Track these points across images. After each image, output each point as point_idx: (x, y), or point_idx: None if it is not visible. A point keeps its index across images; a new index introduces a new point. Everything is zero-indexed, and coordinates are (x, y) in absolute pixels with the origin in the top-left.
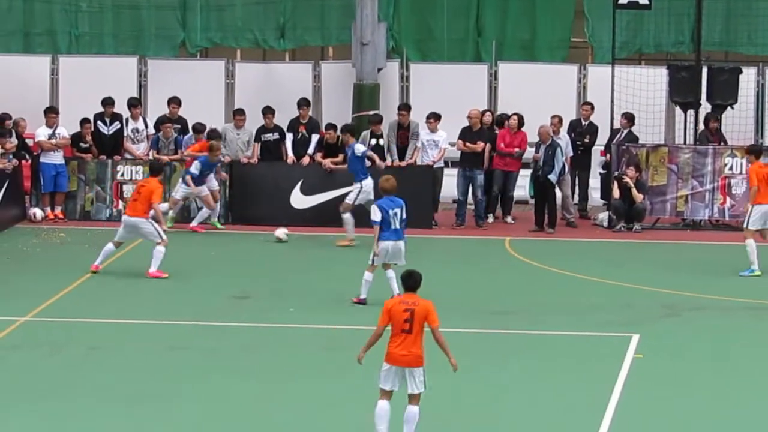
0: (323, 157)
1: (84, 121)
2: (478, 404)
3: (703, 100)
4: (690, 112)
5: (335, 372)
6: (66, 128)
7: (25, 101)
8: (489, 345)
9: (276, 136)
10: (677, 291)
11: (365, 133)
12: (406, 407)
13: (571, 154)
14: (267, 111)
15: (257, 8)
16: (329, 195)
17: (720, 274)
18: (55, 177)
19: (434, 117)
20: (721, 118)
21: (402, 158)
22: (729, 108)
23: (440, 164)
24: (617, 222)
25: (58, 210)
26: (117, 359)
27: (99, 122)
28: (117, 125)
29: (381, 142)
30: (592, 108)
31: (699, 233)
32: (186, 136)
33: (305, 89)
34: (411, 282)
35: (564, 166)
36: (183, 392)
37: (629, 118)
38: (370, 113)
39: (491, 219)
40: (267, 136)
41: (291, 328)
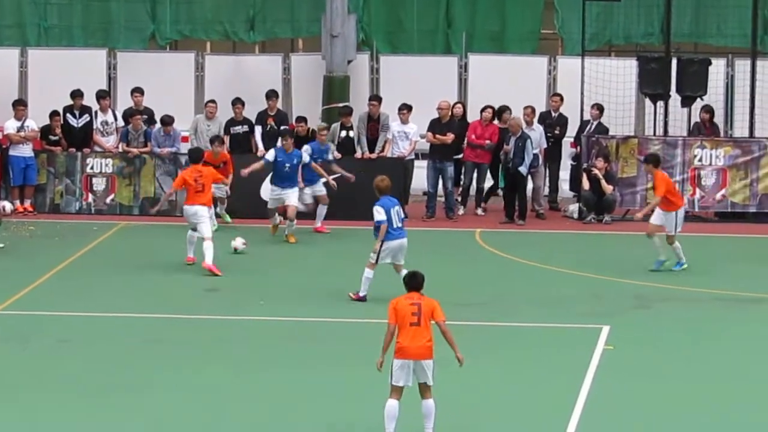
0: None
1: (53, 114)
2: (449, 395)
3: (673, 92)
4: (660, 104)
5: (308, 363)
6: (35, 121)
7: None
8: (459, 337)
9: (245, 129)
10: (647, 282)
11: (335, 125)
12: (422, 402)
13: (545, 146)
14: (236, 102)
15: (227, 0)
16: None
17: (690, 266)
18: (25, 170)
19: (406, 108)
20: (691, 110)
21: (372, 150)
22: (699, 99)
23: (411, 156)
24: (587, 213)
25: (28, 203)
26: (88, 351)
27: (68, 115)
28: (86, 118)
29: (351, 134)
30: (562, 99)
31: None
32: (155, 129)
33: (275, 81)
34: (414, 282)
35: (537, 157)
36: (155, 383)
37: (600, 109)
38: (340, 105)
39: (462, 211)
40: (236, 129)
41: (262, 321)
